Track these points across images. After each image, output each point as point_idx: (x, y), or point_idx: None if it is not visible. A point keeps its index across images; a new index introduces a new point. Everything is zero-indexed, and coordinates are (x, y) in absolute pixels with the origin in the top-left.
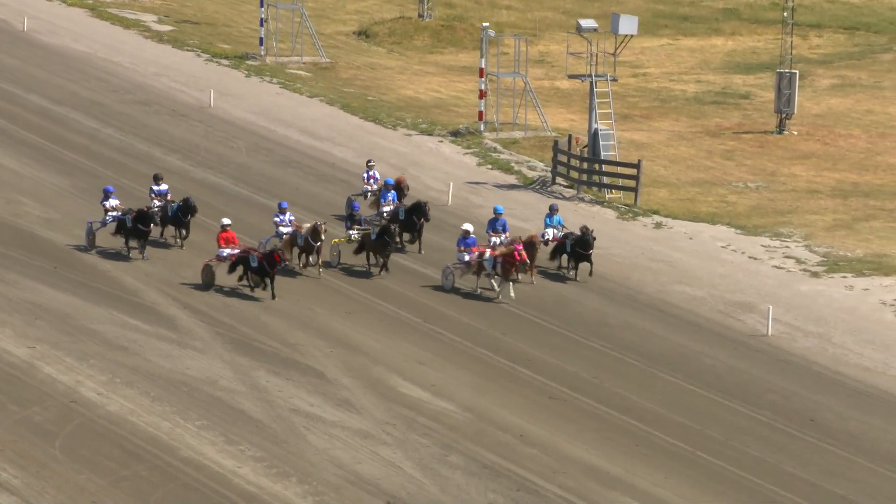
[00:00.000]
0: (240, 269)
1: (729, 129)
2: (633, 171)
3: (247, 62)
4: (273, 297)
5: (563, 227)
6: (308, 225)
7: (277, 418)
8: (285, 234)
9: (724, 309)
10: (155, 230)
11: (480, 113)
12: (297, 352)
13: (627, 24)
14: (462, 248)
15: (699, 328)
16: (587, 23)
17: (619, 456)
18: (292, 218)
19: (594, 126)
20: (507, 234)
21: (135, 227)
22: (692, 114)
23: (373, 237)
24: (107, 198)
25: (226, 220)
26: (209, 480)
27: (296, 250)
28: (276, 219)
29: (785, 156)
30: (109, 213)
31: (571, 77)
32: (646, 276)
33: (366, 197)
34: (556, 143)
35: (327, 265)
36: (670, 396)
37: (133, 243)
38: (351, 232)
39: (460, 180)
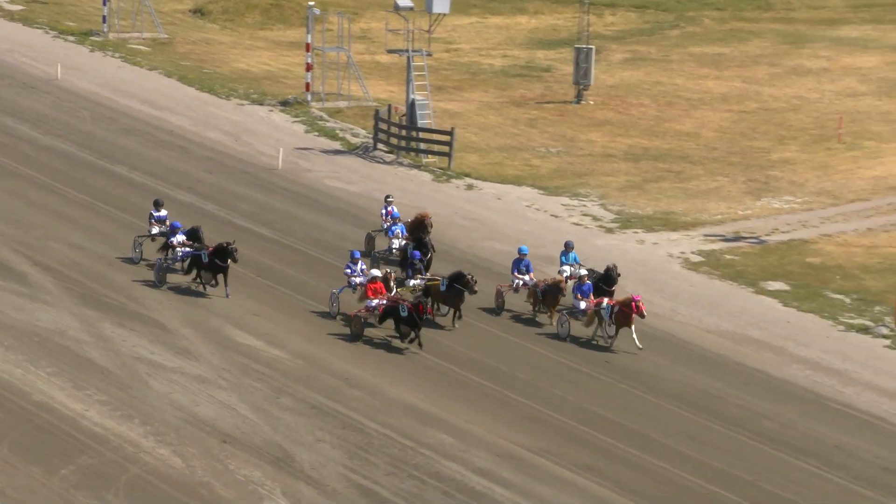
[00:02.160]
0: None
1: (532, 100)
2: (446, 138)
3: (91, 38)
4: (420, 346)
5: (580, 264)
6: (376, 274)
7: (122, 366)
8: (356, 284)
9: (536, 264)
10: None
11: (307, 84)
12: (141, 305)
13: (440, 4)
14: (578, 295)
15: (507, 279)
16: (404, 2)
17: (436, 397)
18: (363, 267)
19: (411, 97)
20: (532, 274)
21: (212, 262)
22: (499, 86)
23: (442, 287)
24: (174, 234)
25: (376, 272)
26: (59, 423)
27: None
28: (347, 270)
29: (583, 123)
30: (178, 249)
31: (390, 52)
32: (459, 233)
33: (386, 234)
34: (377, 112)
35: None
36: (483, 343)
37: (206, 277)
38: (413, 281)
39: (290, 146)
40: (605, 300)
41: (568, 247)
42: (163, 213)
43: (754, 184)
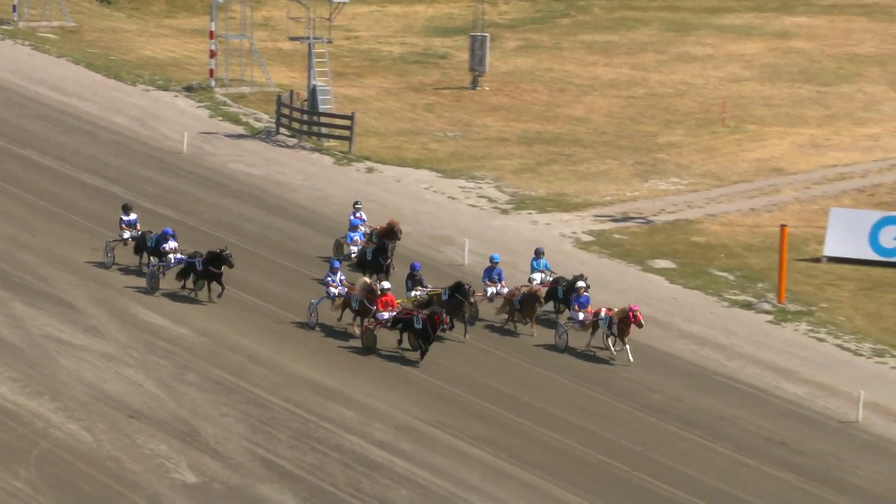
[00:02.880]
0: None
1: (430, 86)
2: (347, 123)
3: (2, 27)
4: (422, 357)
5: (551, 271)
6: (364, 282)
7: (32, 344)
8: (336, 294)
9: (428, 242)
10: (134, 258)
11: (211, 71)
12: (50, 285)
13: None
14: (576, 307)
15: (407, 259)
16: None
17: (337, 372)
18: (343, 278)
19: (313, 83)
20: (504, 282)
21: (206, 269)
22: (398, 72)
23: (444, 297)
24: (166, 240)
25: (386, 284)
26: None
27: (347, 311)
28: (328, 278)
29: (478, 108)
30: (171, 256)
31: (292, 39)
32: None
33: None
34: (279, 97)
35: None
36: None
37: (190, 284)
38: (415, 293)
39: (194, 131)
40: (604, 311)
41: (538, 253)
42: (132, 217)
43: (642, 166)
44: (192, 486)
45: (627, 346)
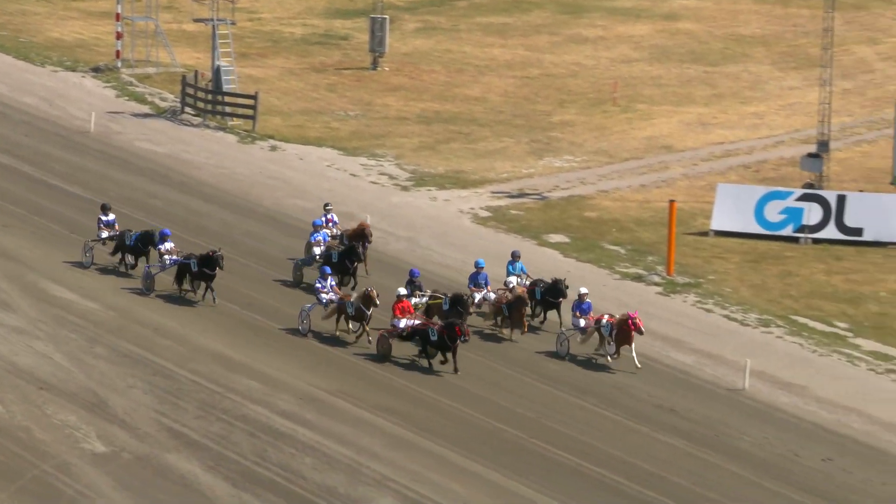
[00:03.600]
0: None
1: (331, 66)
2: (250, 102)
3: None
4: (456, 370)
5: (527, 274)
6: (360, 292)
7: None
8: (328, 301)
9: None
10: (112, 258)
11: (118, 52)
12: None
13: None
14: (577, 313)
15: (308, 234)
16: None
17: (242, 345)
18: (334, 283)
19: (217, 63)
20: (489, 287)
21: (200, 271)
22: (300, 53)
23: (445, 306)
24: (163, 241)
25: (402, 290)
26: None
27: (342, 318)
28: (318, 284)
29: (378, 89)
30: (166, 256)
31: (196, 21)
32: (264, 191)
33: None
34: (184, 77)
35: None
36: (285, 293)
37: (186, 285)
38: (414, 300)
39: (101, 110)
40: (605, 318)
41: (515, 256)
42: (111, 217)
43: (537, 144)
44: (101, 455)
45: (634, 352)
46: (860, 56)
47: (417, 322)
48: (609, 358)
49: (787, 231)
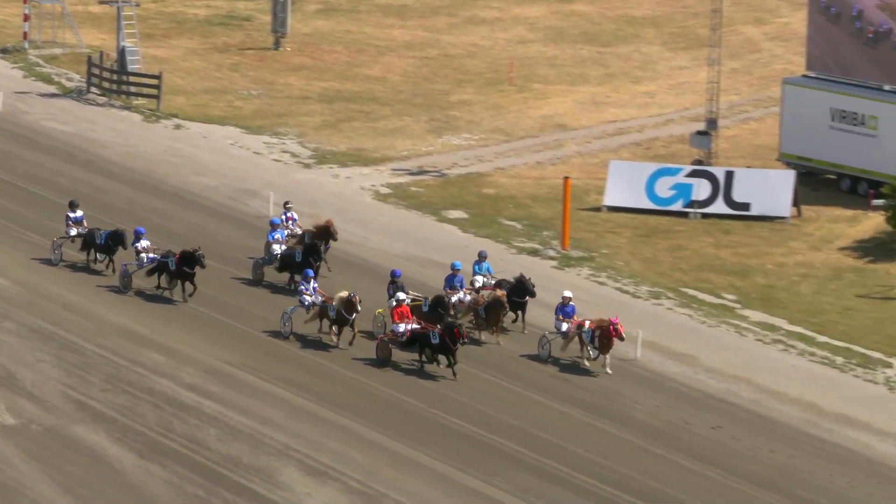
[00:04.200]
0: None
1: (234, 47)
2: (155, 82)
3: None
4: (454, 375)
5: (493, 274)
6: (342, 295)
7: None
8: (310, 303)
9: (233, 195)
10: (80, 255)
11: (25, 33)
12: None
13: None
14: (560, 316)
15: (214, 211)
16: None
17: (148, 320)
18: (316, 286)
19: (122, 44)
20: (465, 289)
21: (179, 269)
22: (204, 34)
23: (424, 309)
24: (138, 239)
25: (401, 295)
26: None
27: (324, 322)
28: (301, 286)
29: (281, 68)
30: (143, 255)
31: (102, 2)
32: (169, 169)
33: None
34: (90, 58)
35: (371, 336)
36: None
37: (164, 283)
38: (394, 301)
39: (9, 91)
40: (587, 323)
41: (481, 256)
42: (78, 213)
43: (436, 123)
44: (10, 427)
45: (608, 358)
46: (747, 36)
47: (416, 327)
48: (587, 362)
49: (677, 206)
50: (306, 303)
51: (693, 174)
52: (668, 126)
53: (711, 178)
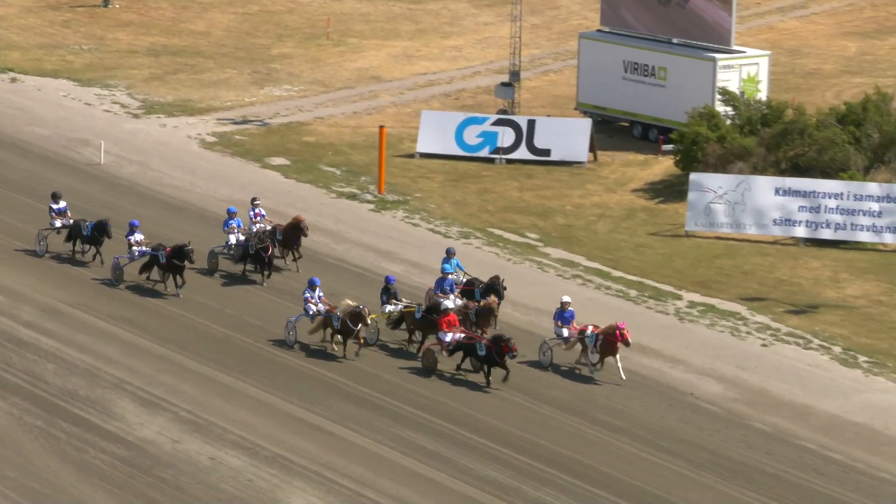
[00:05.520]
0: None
1: (66, 4)
2: None
3: None
4: (487, 384)
5: (465, 271)
6: (349, 304)
7: None
8: (315, 312)
9: (67, 144)
10: (65, 245)
11: None
12: None
13: None
14: (559, 322)
15: (48, 159)
16: None
17: None
18: (321, 295)
19: None
20: (456, 293)
21: (170, 262)
22: None
23: (417, 315)
24: (132, 232)
25: (448, 304)
26: None
27: (328, 331)
28: (306, 294)
29: (110, 24)
30: (135, 248)
31: None
32: (6, 120)
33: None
34: None
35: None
36: (24, 212)
37: (156, 276)
38: (388, 307)
39: None
40: (590, 328)
41: (449, 253)
42: (62, 205)
43: (258, 75)
44: None
45: (620, 364)
46: None
47: (463, 336)
48: (592, 369)
49: (484, 153)
50: (310, 312)
51: (498, 123)
52: (474, 78)
53: (515, 127)
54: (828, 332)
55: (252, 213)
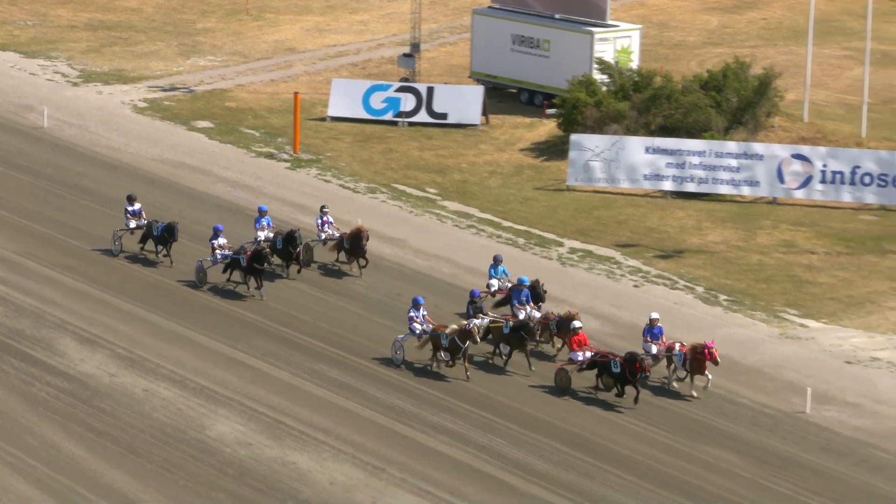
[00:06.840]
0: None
1: None
2: None
3: None
4: (635, 401)
5: (508, 277)
6: (460, 325)
7: None
8: (421, 332)
9: (14, 110)
10: (137, 246)
11: None
12: None
13: None
14: (648, 338)
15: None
16: None
17: None
18: (426, 314)
19: None
20: (531, 304)
21: (250, 266)
22: None
23: (505, 331)
24: (215, 236)
25: (577, 323)
26: None
27: (429, 346)
28: (411, 313)
29: (52, 2)
30: (218, 251)
31: None
32: None
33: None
34: None
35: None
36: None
37: (237, 278)
38: (475, 321)
39: None
40: (678, 345)
41: (497, 260)
42: (136, 206)
43: (184, 47)
44: None
45: (708, 382)
46: None
47: (596, 354)
48: (675, 384)
49: (389, 116)
50: (417, 331)
51: (401, 90)
52: (379, 49)
53: (416, 93)
54: (692, 274)
55: (320, 220)
